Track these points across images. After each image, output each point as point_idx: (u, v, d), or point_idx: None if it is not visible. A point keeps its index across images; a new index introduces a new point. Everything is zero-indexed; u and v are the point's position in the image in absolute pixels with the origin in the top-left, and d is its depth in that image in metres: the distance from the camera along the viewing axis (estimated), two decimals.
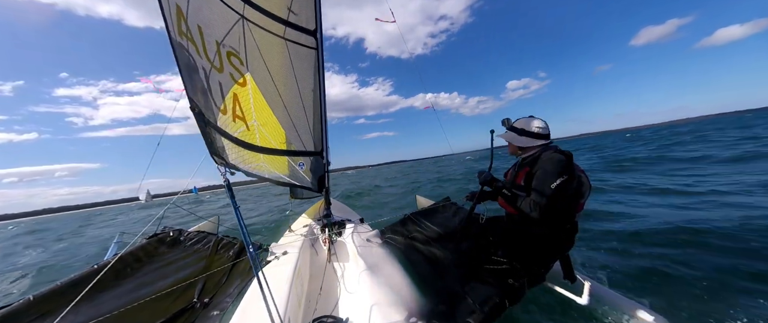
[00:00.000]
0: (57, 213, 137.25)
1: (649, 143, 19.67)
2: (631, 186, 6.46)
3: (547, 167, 1.69)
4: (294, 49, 1.97)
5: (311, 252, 2.50)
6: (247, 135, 2.22)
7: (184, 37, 1.74)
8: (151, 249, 2.46)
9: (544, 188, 1.64)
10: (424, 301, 1.65)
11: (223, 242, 2.55)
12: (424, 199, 4.52)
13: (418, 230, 2.64)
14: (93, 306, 1.72)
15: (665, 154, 11.36)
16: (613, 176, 8.37)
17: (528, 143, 1.90)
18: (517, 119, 2.05)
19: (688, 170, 7.62)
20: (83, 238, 10.54)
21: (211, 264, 2.25)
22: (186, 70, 1.81)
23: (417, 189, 10.90)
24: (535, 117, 1.98)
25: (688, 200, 4.73)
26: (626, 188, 6.37)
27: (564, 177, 1.63)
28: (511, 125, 2.03)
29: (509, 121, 2.07)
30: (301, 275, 1.99)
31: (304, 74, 2.13)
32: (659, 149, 14.15)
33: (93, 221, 19.27)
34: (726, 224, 3.38)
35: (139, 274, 2.12)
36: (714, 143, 13.05)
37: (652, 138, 24.62)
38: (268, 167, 2.51)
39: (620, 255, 3.06)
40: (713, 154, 9.36)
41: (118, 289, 1.92)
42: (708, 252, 2.88)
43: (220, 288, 1.95)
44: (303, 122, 2.36)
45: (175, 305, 1.76)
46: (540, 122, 1.91)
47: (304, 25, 1.89)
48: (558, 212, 1.70)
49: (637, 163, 10.16)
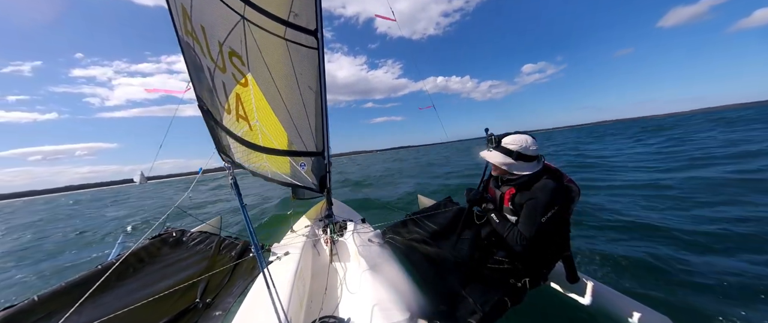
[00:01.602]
0: (68, 192, 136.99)
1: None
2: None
3: (540, 198, 1.59)
4: (294, 49, 1.97)
5: (313, 252, 2.51)
6: (250, 135, 2.23)
7: (190, 37, 1.75)
8: (153, 250, 2.47)
9: (533, 221, 1.58)
10: (425, 301, 1.64)
11: (225, 242, 2.56)
12: (426, 199, 4.52)
13: (419, 231, 2.64)
14: (96, 307, 1.73)
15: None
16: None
17: (524, 169, 1.68)
18: (504, 134, 1.76)
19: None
20: (131, 200, 15.70)
21: (213, 264, 2.26)
22: (193, 69, 1.83)
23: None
24: (520, 133, 1.72)
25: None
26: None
27: (555, 209, 1.57)
28: (503, 147, 1.71)
29: (495, 137, 1.76)
30: (302, 275, 1.99)
31: (304, 75, 2.13)
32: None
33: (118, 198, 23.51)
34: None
35: (142, 275, 2.13)
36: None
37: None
38: (271, 167, 2.51)
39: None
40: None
41: (121, 289, 1.93)
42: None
43: (222, 288, 1.96)
44: (304, 122, 2.37)
45: (178, 305, 1.77)
46: (533, 141, 1.70)
47: (304, 26, 1.89)
48: (547, 235, 1.66)
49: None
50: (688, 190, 5.22)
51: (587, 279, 1.95)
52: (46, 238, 7.88)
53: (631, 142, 17.22)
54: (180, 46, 1.73)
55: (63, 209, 18.75)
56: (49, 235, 8.33)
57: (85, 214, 13.41)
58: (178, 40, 1.71)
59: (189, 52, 1.76)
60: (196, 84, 1.84)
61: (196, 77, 1.84)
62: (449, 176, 11.71)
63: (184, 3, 1.65)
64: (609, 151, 13.75)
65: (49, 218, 12.98)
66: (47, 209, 20.74)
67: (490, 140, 1.78)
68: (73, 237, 7.62)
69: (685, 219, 3.89)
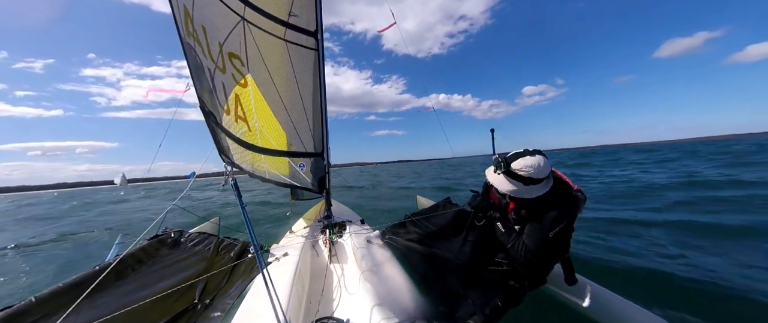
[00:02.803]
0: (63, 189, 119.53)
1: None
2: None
3: (548, 215, 1.54)
4: (294, 50, 1.97)
5: (312, 253, 2.50)
6: (249, 136, 2.23)
7: (191, 38, 1.76)
8: (152, 251, 2.46)
9: (539, 236, 1.55)
10: (424, 302, 1.64)
11: (223, 243, 2.55)
12: (425, 200, 4.52)
13: (418, 232, 2.64)
14: (94, 308, 1.72)
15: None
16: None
17: (533, 193, 1.55)
18: (511, 153, 1.58)
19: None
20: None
21: (212, 265, 2.25)
22: (195, 71, 1.84)
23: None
24: (531, 154, 1.53)
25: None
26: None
27: (563, 224, 1.53)
28: (511, 170, 1.54)
29: (504, 161, 1.57)
30: (301, 276, 1.99)
31: (304, 75, 2.14)
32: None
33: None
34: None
35: (140, 275, 2.12)
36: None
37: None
38: (269, 167, 2.51)
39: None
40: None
41: (119, 290, 1.92)
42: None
43: (221, 289, 1.95)
44: (303, 123, 2.37)
45: (176, 306, 1.76)
46: (546, 161, 1.53)
47: (304, 27, 1.89)
48: (551, 248, 1.63)
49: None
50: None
51: (586, 281, 1.95)
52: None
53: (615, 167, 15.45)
54: (183, 47, 1.74)
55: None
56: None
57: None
58: (180, 42, 1.72)
59: (191, 53, 1.78)
60: (197, 85, 1.86)
61: (197, 79, 1.85)
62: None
63: (186, 3, 1.66)
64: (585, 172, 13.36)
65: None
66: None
67: (498, 164, 1.61)
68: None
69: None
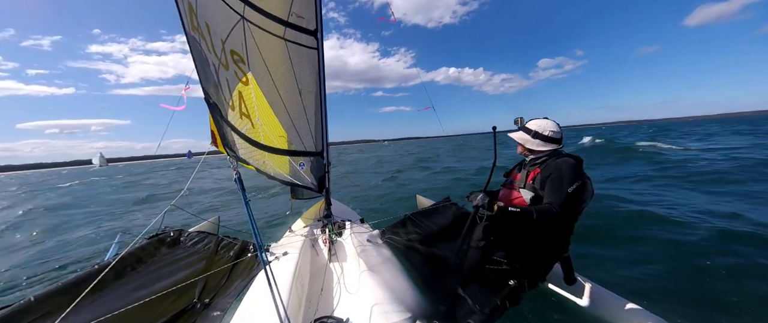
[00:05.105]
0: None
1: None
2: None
3: (563, 171, 1.69)
4: (294, 49, 1.97)
5: (311, 252, 2.50)
6: (253, 132, 2.24)
7: (196, 32, 1.76)
8: (151, 250, 2.46)
9: (560, 190, 1.64)
10: (424, 302, 1.65)
11: (223, 242, 2.55)
12: (425, 199, 4.52)
13: (418, 231, 2.64)
14: (93, 307, 1.72)
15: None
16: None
17: (539, 146, 1.89)
18: (530, 119, 2.01)
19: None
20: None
21: (211, 264, 2.25)
22: (200, 63, 1.84)
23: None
24: (548, 119, 1.94)
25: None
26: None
27: (578, 183, 1.65)
28: (524, 126, 1.99)
29: (522, 120, 2.04)
30: (301, 275, 1.99)
31: (304, 75, 2.14)
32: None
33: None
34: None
35: (140, 275, 2.12)
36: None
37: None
38: (272, 165, 2.52)
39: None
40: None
41: (118, 290, 1.92)
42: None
43: (220, 288, 1.96)
44: (303, 122, 2.37)
45: (176, 305, 1.76)
46: (554, 126, 1.89)
47: (304, 26, 1.89)
48: (570, 211, 1.70)
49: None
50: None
51: (584, 280, 1.96)
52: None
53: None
54: (188, 40, 1.74)
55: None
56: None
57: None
58: (185, 34, 1.72)
59: (195, 46, 1.78)
60: (202, 78, 1.87)
61: (202, 71, 1.86)
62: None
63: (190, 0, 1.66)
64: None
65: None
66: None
67: (517, 122, 2.06)
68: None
69: None
